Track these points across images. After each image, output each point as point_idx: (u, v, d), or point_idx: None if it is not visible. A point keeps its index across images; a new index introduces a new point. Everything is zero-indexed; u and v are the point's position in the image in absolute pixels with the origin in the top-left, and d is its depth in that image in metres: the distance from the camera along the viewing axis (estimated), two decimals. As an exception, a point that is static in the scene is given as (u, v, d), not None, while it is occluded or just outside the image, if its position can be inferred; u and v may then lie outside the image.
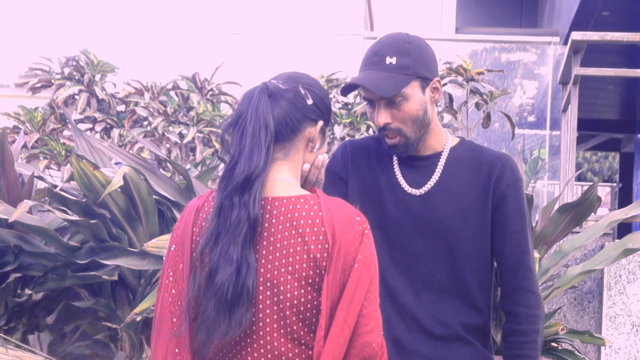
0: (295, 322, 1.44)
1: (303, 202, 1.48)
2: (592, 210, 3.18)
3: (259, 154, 1.46)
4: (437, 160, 1.84)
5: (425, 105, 1.77)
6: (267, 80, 1.55)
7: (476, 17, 12.17)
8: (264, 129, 1.47)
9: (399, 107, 1.74)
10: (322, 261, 1.44)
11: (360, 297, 1.45)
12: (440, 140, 1.86)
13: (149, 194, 3.18)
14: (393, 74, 1.72)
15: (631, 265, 3.71)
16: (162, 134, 4.39)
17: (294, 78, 1.56)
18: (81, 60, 4.60)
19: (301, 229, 1.46)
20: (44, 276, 3.28)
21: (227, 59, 5.48)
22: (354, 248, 1.46)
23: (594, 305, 3.78)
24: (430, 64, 1.79)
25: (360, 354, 1.44)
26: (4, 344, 2.98)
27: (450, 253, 1.80)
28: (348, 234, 1.46)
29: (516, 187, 1.83)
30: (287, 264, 1.45)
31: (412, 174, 1.84)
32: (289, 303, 1.44)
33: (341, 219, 1.47)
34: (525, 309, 1.79)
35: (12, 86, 4.58)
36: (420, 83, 1.76)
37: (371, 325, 1.46)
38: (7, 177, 3.30)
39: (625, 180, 12.83)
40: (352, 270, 1.44)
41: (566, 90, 4.91)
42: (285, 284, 1.44)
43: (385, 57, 1.74)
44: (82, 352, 3.52)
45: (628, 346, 3.68)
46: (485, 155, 1.86)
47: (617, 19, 8.10)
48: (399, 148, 1.80)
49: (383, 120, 1.75)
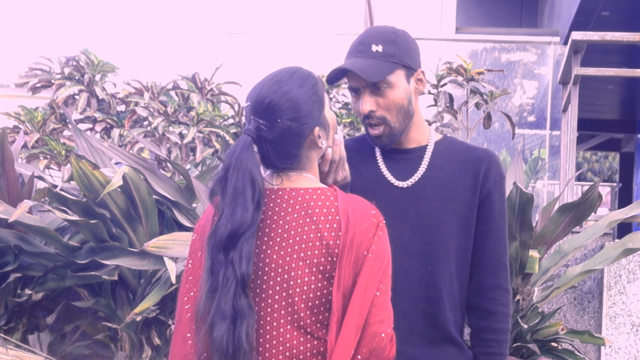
0: (303, 310, 1.46)
1: (320, 193, 1.52)
2: (592, 210, 3.18)
3: (244, 211, 1.46)
4: (422, 154, 1.84)
5: (409, 95, 1.78)
6: (249, 123, 1.53)
7: (476, 17, 12.17)
8: (249, 186, 1.48)
9: (383, 95, 1.75)
10: (334, 248, 1.46)
11: (373, 287, 1.47)
12: (424, 134, 1.86)
13: (149, 194, 3.18)
14: (379, 60, 1.74)
15: (631, 265, 3.71)
16: (162, 134, 4.39)
17: (272, 108, 1.52)
18: (81, 60, 4.60)
19: (315, 217, 1.48)
20: (44, 276, 3.28)
21: (228, 58, 5.48)
22: (368, 239, 1.48)
23: (594, 305, 3.78)
24: (414, 55, 1.80)
25: (369, 344, 1.45)
26: (4, 344, 2.98)
27: (441, 245, 1.79)
28: (363, 224, 1.49)
29: (501, 185, 1.84)
30: (299, 250, 1.47)
31: (397, 166, 1.84)
32: (299, 289, 1.46)
33: (357, 210, 1.50)
34: (502, 308, 1.80)
35: (12, 86, 4.59)
36: (405, 72, 1.77)
37: (382, 316, 1.47)
38: (7, 177, 3.30)
39: (625, 180, 12.83)
40: (366, 260, 1.47)
41: (566, 90, 4.91)
42: (296, 269, 1.47)
43: (371, 45, 1.76)
44: (82, 352, 3.52)
45: (628, 346, 3.68)
46: (470, 151, 1.86)
47: (617, 19, 8.10)
48: (383, 139, 1.80)
49: (367, 107, 1.76)
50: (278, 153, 1.53)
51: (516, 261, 3.05)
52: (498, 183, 1.83)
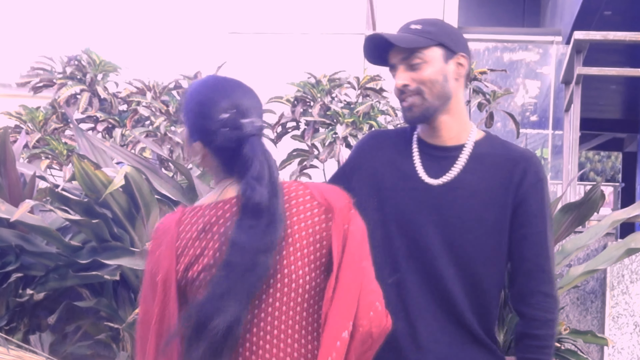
0: (305, 309, 1.46)
1: (288, 185, 1.53)
2: (594, 209, 3.17)
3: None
4: (459, 153, 1.78)
5: (446, 75, 1.73)
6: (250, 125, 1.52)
7: (478, 16, 12.15)
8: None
9: (417, 70, 1.71)
10: (322, 232, 1.47)
11: (360, 256, 1.48)
12: (464, 130, 1.80)
13: (151, 194, 3.18)
14: (415, 35, 1.71)
15: (634, 265, 3.70)
16: (164, 133, 4.39)
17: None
18: (83, 59, 4.59)
19: (295, 209, 1.49)
20: (45, 276, 3.28)
21: (229, 58, 5.47)
22: (347, 214, 1.51)
23: (596, 305, 3.77)
24: (457, 38, 1.76)
25: (367, 315, 1.45)
26: (6, 344, 2.98)
27: (463, 248, 1.74)
28: (339, 201, 1.52)
29: (539, 188, 1.76)
30: (291, 245, 1.47)
31: (432, 163, 1.78)
32: (300, 288, 1.47)
33: (329, 190, 1.54)
34: (544, 314, 1.75)
35: (13, 86, 4.57)
36: (443, 52, 1.72)
37: (372, 286, 1.49)
38: (8, 177, 3.30)
39: (628, 179, 12.80)
40: (349, 232, 1.49)
41: (569, 90, 4.90)
42: (289, 265, 1.46)
43: (410, 25, 1.74)
44: (83, 352, 3.52)
45: (631, 346, 3.67)
46: (509, 152, 1.79)
47: (619, 18, 8.09)
48: (415, 110, 1.74)
49: (401, 81, 1.72)
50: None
51: (519, 261, 3.04)
52: (535, 186, 1.75)
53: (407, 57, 1.71)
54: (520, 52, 7.91)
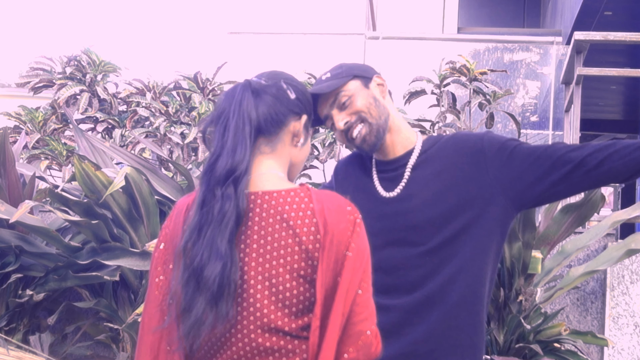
0: (287, 315, 1.45)
1: (293, 195, 1.49)
2: (595, 210, 3.17)
3: (242, 149, 1.47)
4: (408, 159, 1.84)
5: (373, 96, 1.82)
6: (250, 78, 1.57)
7: (478, 17, 12.16)
8: (248, 124, 1.49)
9: (349, 105, 1.80)
10: (314, 252, 1.45)
11: (355, 286, 1.45)
12: (408, 138, 1.87)
13: (151, 194, 3.17)
14: (329, 81, 1.81)
15: (634, 266, 3.69)
16: (164, 134, 4.39)
17: (275, 75, 1.59)
18: (83, 60, 4.59)
19: (292, 222, 1.46)
20: (45, 277, 3.27)
21: (229, 58, 5.47)
22: (347, 237, 1.46)
23: (597, 305, 3.77)
24: (364, 66, 1.87)
25: (355, 343, 1.44)
26: (5, 345, 2.97)
27: (429, 256, 1.77)
28: (340, 224, 1.47)
29: (505, 146, 1.79)
30: (278, 257, 1.45)
31: (387, 177, 1.85)
32: (282, 295, 1.45)
33: (332, 209, 1.48)
34: (614, 145, 1.72)
35: (13, 86, 4.58)
36: (360, 81, 1.82)
37: (365, 314, 1.46)
38: (8, 178, 3.29)
39: (627, 180, 12.79)
40: (346, 259, 1.45)
41: (569, 90, 4.90)
42: (277, 276, 1.45)
43: (321, 78, 1.84)
44: (83, 352, 3.52)
45: (631, 346, 3.67)
46: (463, 141, 1.84)
47: (619, 19, 8.09)
48: (368, 138, 1.81)
49: (341, 120, 1.80)
50: (265, 113, 1.53)
51: (519, 261, 3.04)
52: (500, 150, 1.78)
53: (334, 100, 1.80)
54: (520, 52, 7.90)
